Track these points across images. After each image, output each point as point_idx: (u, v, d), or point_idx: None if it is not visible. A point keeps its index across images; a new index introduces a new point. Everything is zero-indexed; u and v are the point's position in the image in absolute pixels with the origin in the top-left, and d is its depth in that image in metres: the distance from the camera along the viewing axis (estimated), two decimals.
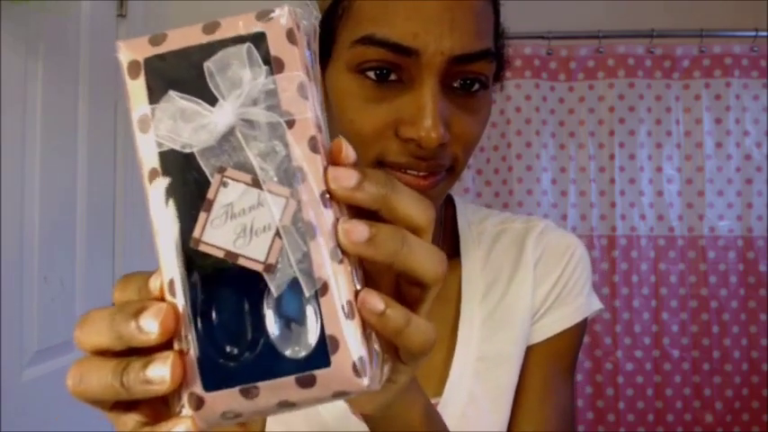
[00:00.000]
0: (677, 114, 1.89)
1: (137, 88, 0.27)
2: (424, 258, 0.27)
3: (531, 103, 1.88)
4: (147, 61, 0.27)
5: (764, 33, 1.82)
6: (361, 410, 0.35)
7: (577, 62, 1.90)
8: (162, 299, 0.26)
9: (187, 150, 0.26)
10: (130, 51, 0.27)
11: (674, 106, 1.89)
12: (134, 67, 0.27)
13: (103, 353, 0.27)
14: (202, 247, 0.26)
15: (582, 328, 0.61)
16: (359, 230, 0.25)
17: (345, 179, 0.26)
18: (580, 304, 0.60)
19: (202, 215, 0.25)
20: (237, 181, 0.25)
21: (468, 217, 0.62)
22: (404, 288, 0.30)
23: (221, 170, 0.26)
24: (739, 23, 1.92)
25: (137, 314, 0.25)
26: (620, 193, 1.88)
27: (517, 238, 0.61)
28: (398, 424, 0.37)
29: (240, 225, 0.25)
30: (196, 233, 0.26)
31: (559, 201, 1.90)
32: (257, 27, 0.26)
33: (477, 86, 0.48)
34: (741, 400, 1.84)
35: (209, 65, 0.26)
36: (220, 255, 0.25)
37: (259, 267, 0.25)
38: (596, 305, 0.63)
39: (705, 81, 1.88)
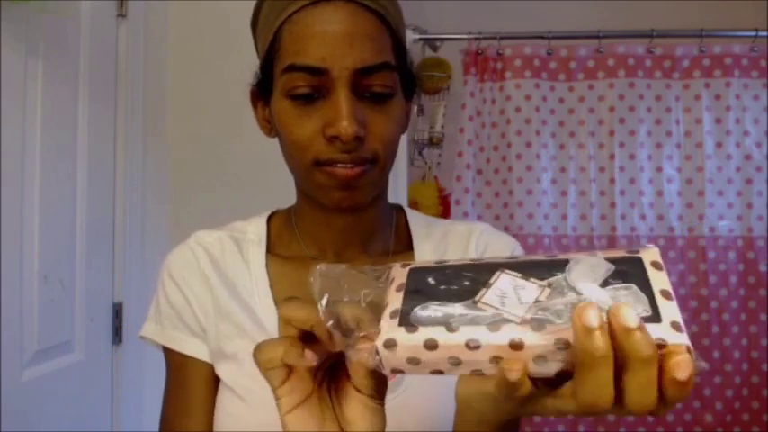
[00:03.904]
0: (677, 114, 1.89)
1: None
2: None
3: (531, 103, 1.88)
4: None
5: (764, 33, 1.82)
6: None
7: (577, 62, 1.90)
8: None
9: None
10: None
11: (674, 106, 1.88)
12: None
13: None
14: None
15: None
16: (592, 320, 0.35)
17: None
18: None
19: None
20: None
21: (418, 221, 0.75)
22: None
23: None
24: (739, 23, 1.92)
25: None
26: (620, 193, 1.88)
27: (461, 236, 0.73)
28: None
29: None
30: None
31: (559, 201, 1.90)
32: None
33: (384, 93, 0.60)
34: (741, 400, 1.84)
35: None
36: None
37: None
38: None
39: (705, 81, 1.87)
